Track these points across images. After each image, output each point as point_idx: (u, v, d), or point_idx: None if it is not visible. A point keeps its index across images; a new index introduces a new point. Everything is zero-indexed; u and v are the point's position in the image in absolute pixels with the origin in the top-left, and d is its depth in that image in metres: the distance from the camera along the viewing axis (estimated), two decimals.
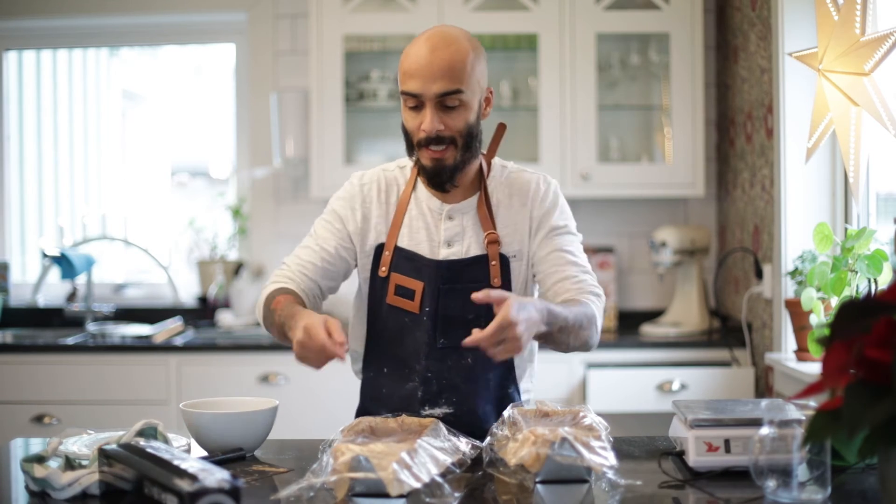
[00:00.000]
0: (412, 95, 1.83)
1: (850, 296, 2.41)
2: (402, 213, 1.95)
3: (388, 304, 1.93)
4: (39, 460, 1.54)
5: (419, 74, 1.81)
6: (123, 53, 4.52)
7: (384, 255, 1.94)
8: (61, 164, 4.33)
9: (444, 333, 1.90)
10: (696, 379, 3.26)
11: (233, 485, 1.29)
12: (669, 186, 3.62)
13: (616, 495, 1.48)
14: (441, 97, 1.82)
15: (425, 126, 1.83)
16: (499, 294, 1.63)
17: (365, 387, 2.03)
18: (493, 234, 1.92)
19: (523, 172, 2.00)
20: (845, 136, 2.38)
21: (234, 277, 3.95)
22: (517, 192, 1.96)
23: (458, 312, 1.89)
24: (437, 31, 1.87)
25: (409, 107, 1.85)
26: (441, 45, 1.82)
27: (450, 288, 1.90)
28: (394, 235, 1.94)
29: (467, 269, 1.91)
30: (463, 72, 1.83)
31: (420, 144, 1.86)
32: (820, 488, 1.41)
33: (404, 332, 1.93)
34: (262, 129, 3.98)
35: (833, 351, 1.12)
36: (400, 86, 1.86)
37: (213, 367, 3.40)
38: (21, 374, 3.42)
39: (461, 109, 1.84)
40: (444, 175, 1.88)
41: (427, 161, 1.87)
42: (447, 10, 3.58)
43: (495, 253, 1.91)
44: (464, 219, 1.94)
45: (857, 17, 2.32)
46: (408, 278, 1.92)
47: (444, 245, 1.93)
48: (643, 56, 3.76)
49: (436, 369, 1.91)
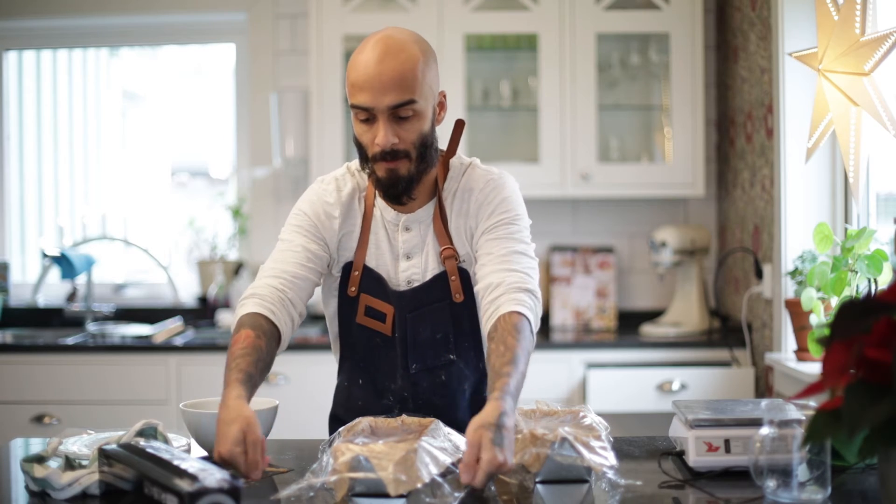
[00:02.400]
0: (363, 109, 1.75)
1: (850, 296, 2.41)
2: (367, 229, 1.88)
3: (357, 323, 1.90)
4: (39, 460, 1.53)
5: (368, 87, 1.72)
6: (123, 53, 4.52)
7: (353, 275, 1.87)
8: (61, 164, 4.33)
9: (416, 358, 1.88)
10: (696, 379, 3.26)
11: (233, 485, 1.29)
12: (669, 186, 3.62)
13: (616, 495, 1.48)
14: (394, 109, 1.74)
15: (379, 140, 1.75)
16: (469, 452, 1.45)
17: (338, 394, 2.00)
18: (450, 248, 1.85)
19: (475, 168, 1.89)
20: (845, 136, 2.38)
21: (234, 277, 3.95)
22: (470, 193, 1.87)
23: (428, 335, 1.87)
24: (383, 39, 1.75)
25: (360, 119, 1.77)
26: (389, 54, 1.72)
27: (416, 315, 1.87)
28: (362, 254, 1.87)
29: (429, 290, 1.86)
30: (414, 80, 1.73)
31: (375, 158, 1.78)
32: (820, 488, 1.41)
33: (376, 352, 1.90)
34: (262, 129, 3.98)
35: (833, 351, 1.12)
36: (349, 98, 1.77)
37: (213, 367, 3.40)
38: (21, 374, 3.42)
39: (414, 120, 1.76)
40: (400, 187, 1.79)
41: (382, 173, 1.79)
42: (447, 10, 3.58)
43: (453, 268, 1.85)
44: (421, 228, 1.87)
45: (857, 17, 2.32)
46: (378, 300, 1.87)
47: (403, 258, 1.87)
48: (643, 56, 3.76)
49: (412, 391, 1.90)
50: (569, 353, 3.33)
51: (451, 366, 1.90)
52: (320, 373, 3.34)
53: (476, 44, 3.73)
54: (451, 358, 1.90)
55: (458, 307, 1.88)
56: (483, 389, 1.91)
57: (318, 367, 3.36)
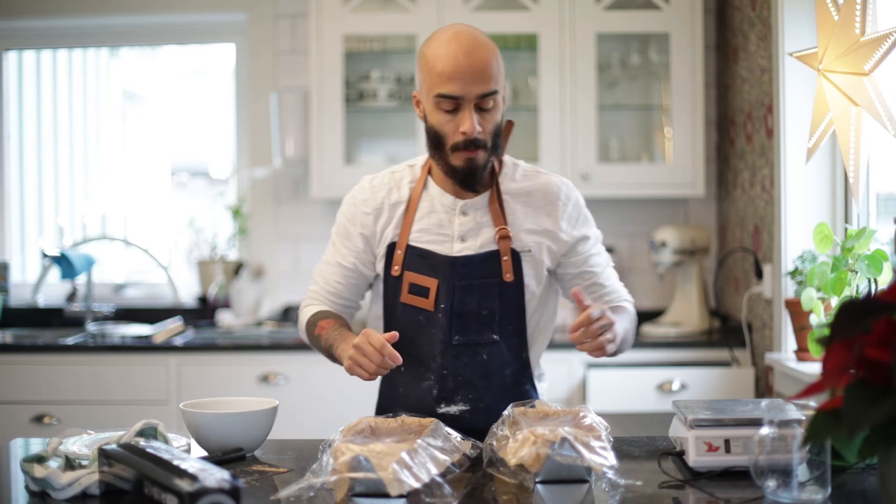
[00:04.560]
0: (451, 98, 1.83)
1: (850, 296, 2.41)
2: (412, 212, 1.96)
3: (402, 302, 1.95)
4: (39, 460, 1.54)
5: (459, 77, 1.81)
6: (123, 53, 4.52)
7: (396, 254, 1.95)
8: (61, 164, 4.33)
9: (460, 330, 1.92)
10: (696, 379, 3.26)
11: (233, 485, 1.29)
12: (669, 186, 3.62)
13: (616, 495, 1.48)
14: (480, 98, 1.83)
15: (466, 128, 1.83)
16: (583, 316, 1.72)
17: (383, 386, 2.06)
18: (504, 229, 1.93)
19: (540, 174, 2.01)
20: (845, 136, 2.38)
21: (234, 277, 3.95)
22: (539, 194, 1.98)
23: (474, 308, 1.92)
24: (462, 33, 1.85)
25: (443, 110, 1.85)
26: (475, 47, 1.83)
27: (465, 284, 1.91)
28: (405, 234, 1.95)
29: (481, 265, 1.92)
30: (498, 72, 1.85)
31: (456, 147, 1.86)
32: (820, 488, 1.41)
33: (419, 331, 1.94)
34: (262, 129, 3.98)
35: (833, 351, 1.12)
36: (432, 88, 1.84)
37: (213, 367, 3.40)
38: (21, 374, 3.42)
39: (494, 110, 1.86)
40: (477, 175, 1.89)
41: (460, 162, 1.87)
42: (447, 10, 3.59)
43: (507, 248, 1.92)
44: (477, 214, 1.95)
45: (857, 17, 2.32)
46: (421, 276, 1.93)
47: (457, 240, 1.94)
48: (643, 56, 3.76)
49: (451, 366, 1.92)
50: (569, 353, 3.33)
51: (493, 345, 1.93)
52: (320, 373, 3.34)
53: None
54: (495, 338, 1.93)
55: (507, 287, 1.93)
56: (524, 382, 1.95)
57: (318, 367, 3.36)
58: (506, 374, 1.95)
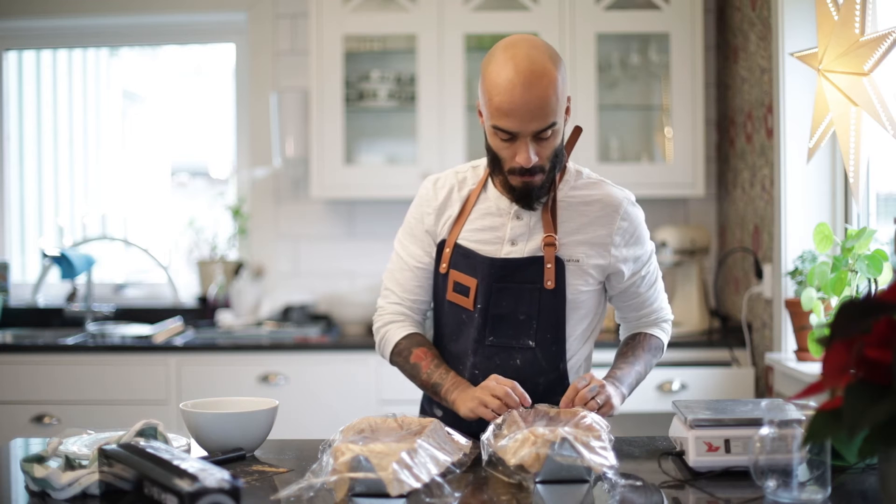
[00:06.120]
0: (507, 132, 1.81)
1: (850, 296, 2.41)
2: (467, 212, 1.97)
3: (447, 300, 1.97)
4: (39, 460, 1.54)
5: (515, 115, 1.78)
6: (123, 53, 4.52)
7: (445, 252, 1.97)
8: (61, 164, 4.33)
9: (494, 331, 1.92)
10: (696, 379, 3.26)
11: (233, 485, 1.29)
12: (669, 186, 3.62)
13: (616, 495, 1.48)
14: (537, 133, 1.81)
15: (521, 160, 1.82)
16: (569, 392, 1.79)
17: None
18: (552, 236, 1.90)
19: (603, 185, 1.98)
20: (845, 136, 2.38)
21: (234, 277, 3.95)
22: (598, 205, 1.94)
23: (510, 311, 1.91)
24: (524, 61, 1.78)
25: (500, 139, 1.84)
26: (534, 81, 1.77)
27: (503, 287, 1.91)
28: (456, 232, 1.96)
29: (522, 269, 1.91)
30: (557, 104, 1.80)
31: (513, 172, 1.85)
32: (820, 488, 1.41)
33: (460, 329, 1.96)
34: (262, 129, 3.98)
35: (833, 351, 1.12)
36: (490, 116, 1.82)
37: (213, 367, 3.40)
38: (21, 374, 3.42)
39: (552, 138, 1.84)
40: (533, 196, 1.88)
41: (517, 184, 1.87)
42: (447, 10, 3.58)
43: (551, 256, 1.90)
44: (531, 219, 1.93)
45: (857, 17, 2.33)
46: (464, 275, 1.94)
47: (507, 243, 1.93)
48: (643, 56, 3.76)
49: (483, 367, 1.92)
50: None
51: (527, 351, 1.92)
52: (320, 373, 3.34)
53: (476, 44, 3.73)
54: (530, 344, 1.92)
55: (547, 294, 1.91)
56: (560, 393, 1.87)
57: (318, 367, 3.36)
58: (539, 382, 1.92)
